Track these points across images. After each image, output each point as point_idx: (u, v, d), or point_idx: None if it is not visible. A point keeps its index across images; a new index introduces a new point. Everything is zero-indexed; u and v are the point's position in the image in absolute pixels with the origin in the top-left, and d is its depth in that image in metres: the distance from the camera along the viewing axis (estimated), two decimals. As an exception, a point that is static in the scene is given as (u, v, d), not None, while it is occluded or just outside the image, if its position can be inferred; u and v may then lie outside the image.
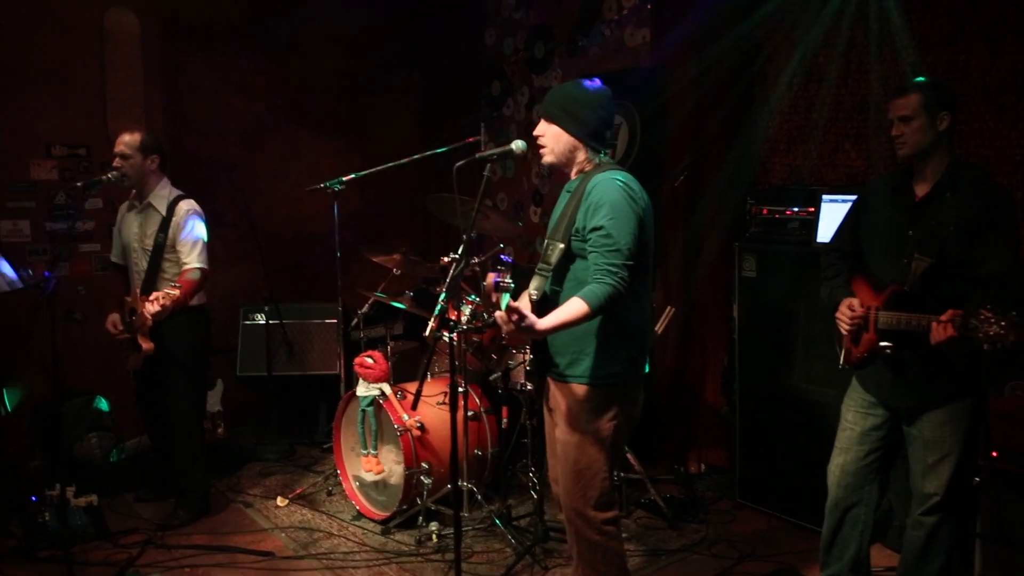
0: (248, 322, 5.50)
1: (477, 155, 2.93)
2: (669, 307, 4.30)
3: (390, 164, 4.26)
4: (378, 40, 6.29)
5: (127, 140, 4.06)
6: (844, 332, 2.96)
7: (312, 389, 5.47)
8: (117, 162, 4.04)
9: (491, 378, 4.06)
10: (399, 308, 4.58)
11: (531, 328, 2.53)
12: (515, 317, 2.46)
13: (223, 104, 5.74)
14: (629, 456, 4.25)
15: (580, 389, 2.78)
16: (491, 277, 2.44)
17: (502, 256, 3.64)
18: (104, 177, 4.05)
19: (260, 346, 5.39)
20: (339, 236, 4.45)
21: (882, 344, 2.84)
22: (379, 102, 6.38)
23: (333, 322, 5.33)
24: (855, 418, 3.01)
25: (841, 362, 3.02)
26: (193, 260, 4.03)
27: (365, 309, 4.82)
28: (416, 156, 4.35)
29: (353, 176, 4.36)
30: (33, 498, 4.10)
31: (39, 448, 4.74)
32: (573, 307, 2.59)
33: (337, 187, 4.33)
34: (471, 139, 4.28)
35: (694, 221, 4.63)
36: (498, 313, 2.52)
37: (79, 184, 4.07)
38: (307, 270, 6.05)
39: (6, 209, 4.93)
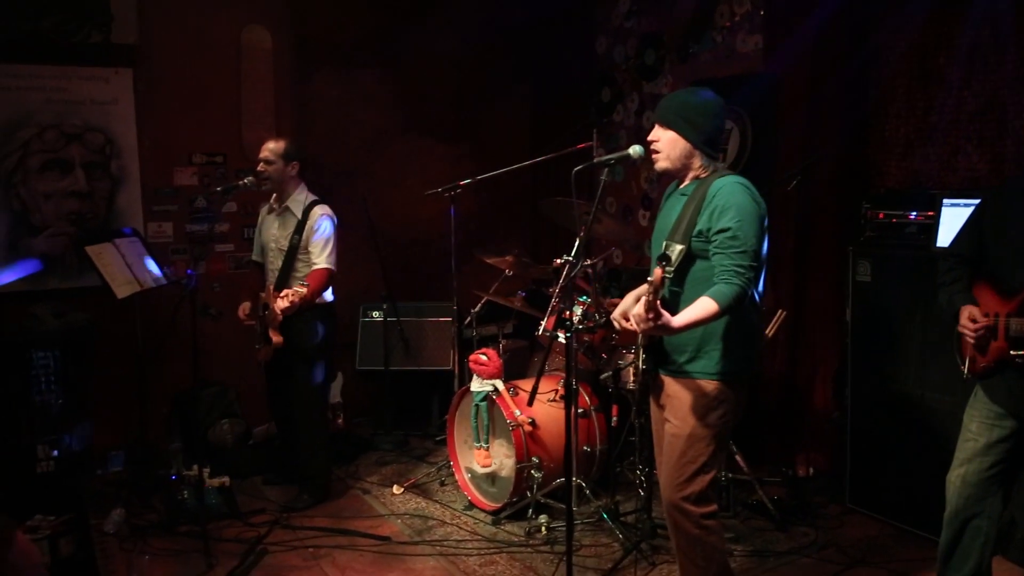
0: (367, 319, 5.64)
1: (596, 159, 2.97)
2: (780, 311, 4.21)
3: (503, 169, 4.31)
4: (493, 52, 6.37)
5: (271, 147, 4.26)
6: (970, 342, 2.82)
7: (426, 383, 5.58)
8: (261, 167, 4.24)
9: (601, 377, 4.06)
10: (511, 308, 4.64)
11: (666, 326, 2.54)
12: (652, 315, 2.47)
13: (346, 114, 5.90)
14: (737, 457, 4.18)
15: (699, 383, 2.79)
16: (659, 274, 2.48)
17: (666, 252, 3.64)
18: (240, 183, 4.26)
19: (378, 342, 5.52)
20: (454, 238, 4.53)
21: (1013, 352, 2.69)
22: (492, 110, 6.45)
23: (447, 320, 5.42)
24: (980, 429, 2.86)
25: (965, 372, 2.87)
26: (322, 260, 4.18)
27: (478, 308, 4.90)
28: (529, 161, 4.39)
29: (468, 181, 4.42)
30: (173, 476, 4.34)
31: (178, 432, 5.01)
32: (703, 306, 2.60)
33: (454, 192, 4.41)
34: (583, 145, 4.29)
35: (805, 225, 4.52)
36: (636, 311, 2.53)
37: (218, 189, 4.30)
38: (422, 271, 6.17)
39: (152, 212, 5.21)
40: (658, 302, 2.48)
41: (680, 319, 2.58)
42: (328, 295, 4.31)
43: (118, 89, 5.01)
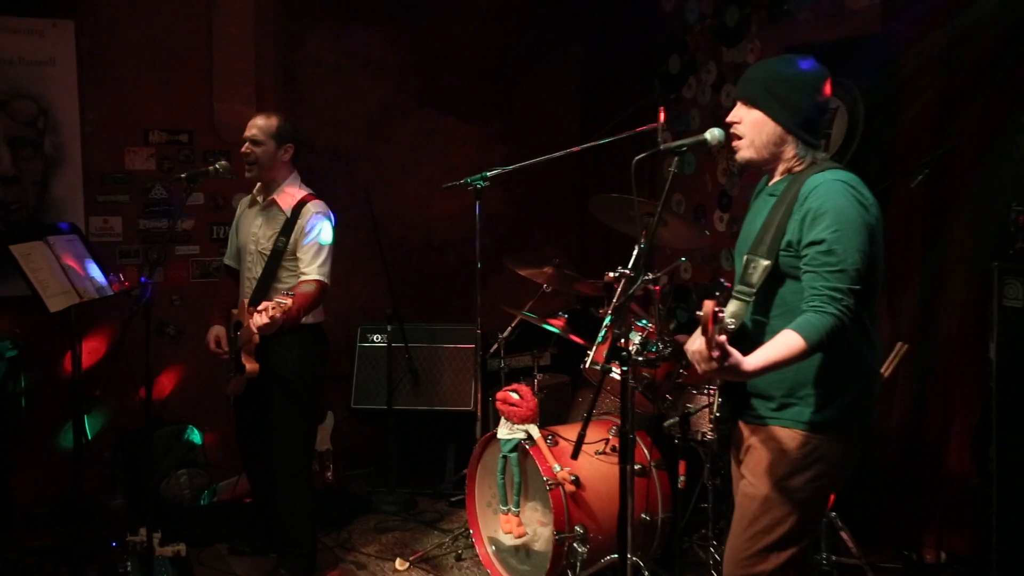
0: (367, 344, 5.64)
1: (662, 146, 2.95)
2: (900, 344, 4.16)
3: (544, 157, 4.27)
4: (533, 8, 6.37)
5: (261, 124, 4.28)
6: None
7: (441, 428, 5.57)
8: (247, 148, 4.26)
9: (665, 424, 4.03)
10: (550, 332, 4.63)
11: (736, 368, 2.48)
12: (717, 354, 2.43)
13: (346, 83, 5.93)
14: (843, 535, 4.13)
15: (785, 434, 2.76)
16: (710, 306, 2.43)
17: (721, 280, 3.65)
18: (210, 168, 4.25)
19: (380, 374, 5.51)
20: (479, 243, 4.56)
21: None
22: (531, 81, 6.46)
23: (469, 347, 5.42)
24: None
25: None
26: (313, 270, 4.16)
27: (508, 333, 4.88)
28: (578, 147, 4.36)
29: (499, 171, 4.39)
30: (113, 543, 4.29)
31: (122, 485, 5.01)
32: (786, 343, 2.57)
33: (480, 184, 4.42)
34: (645, 127, 4.29)
35: (936, 234, 4.48)
36: (694, 348, 2.51)
37: (182, 176, 4.30)
38: (439, 283, 6.18)
39: (97, 204, 5.25)
40: (722, 337, 2.43)
41: (755, 360, 2.54)
42: (318, 314, 4.32)
43: (55, 46, 5.05)
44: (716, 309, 2.39)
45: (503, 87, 6.39)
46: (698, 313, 2.40)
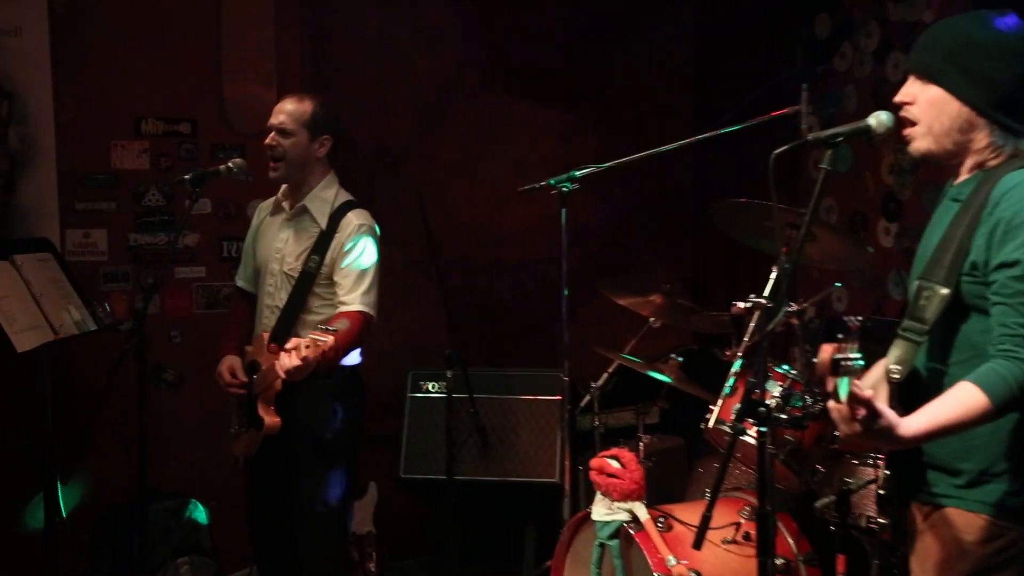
0: (419, 395, 5.65)
1: (810, 136, 2.95)
2: None
3: (650, 151, 4.27)
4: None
5: (291, 109, 4.30)
6: None
7: (517, 505, 5.57)
8: (271, 139, 4.29)
9: (816, 505, 3.97)
10: (659, 381, 4.61)
11: (890, 432, 2.48)
12: (863, 413, 2.42)
13: (391, 58, 5.99)
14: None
15: (969, 521, 2.70)
16: (828, 350, 2.41)
17: (844, 318, 3.61)
18: (221, 168, 4.29)
19: (437, 433, 5.48)
20: (565, 264, 4.55)
21: None
22: (631, 53, 6.45)
23: (553, 400, 5.40)
24: None
25: None
26: (355, 299, 4.18)
27: (603, 381, 4.86)
28: (693, 138, 4.32)
29: (591, 169, 4.37)
30: None
31: (106, 574, 5.07)
32: (961, 399, 2.53)
33: (566, 187, 4.40)
34: (784, 111, 4.26)
35: None
36: (834, 405, 2.50)
37: (185, 177, 4.38)
38: (513, 315, 6.22)
39: (75, 213, 5.34)
40: (867, 392, 2.39)
41: (916, 423, 2.52)
42: (355, 355, 4.36)
43: (22, 10, 5.17)
44: (839, 356, 2.36)
45: (594, 61, 6.40)
46: (814, 361, 2.38)
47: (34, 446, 4.63)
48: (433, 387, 5.65)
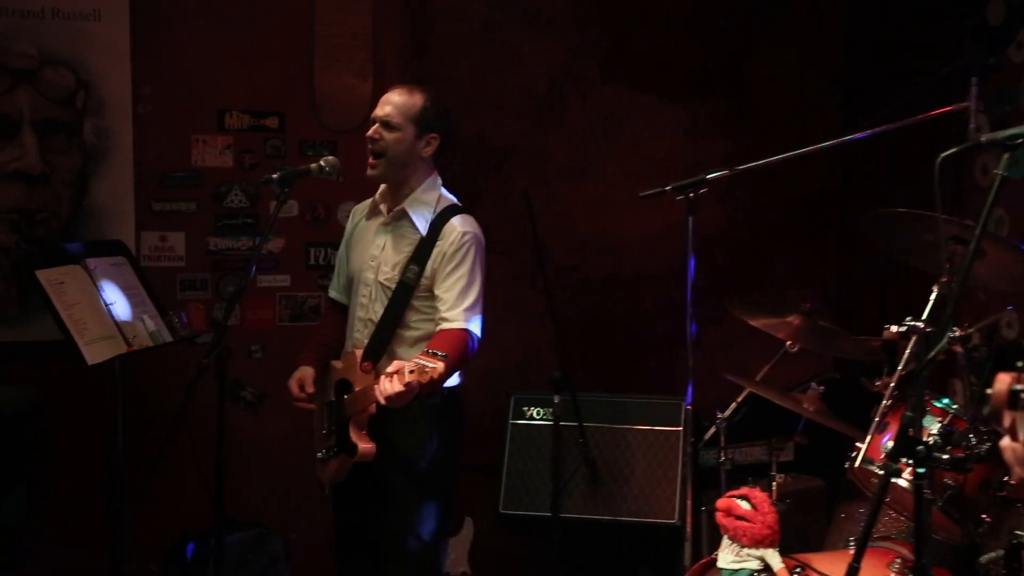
0: (522, 422, 5.56)
1: (983, 137, 2.89)
2: None
3: (791, 153, 4.18)
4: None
5: (399, 102, 4.25)
6: None
7: (631, 547, 5.47)
8: (375, 132, 4.27)
9: (981, 560, 3.87)
10: (795, 413, 4.51)
11: None
12: None
13: (498, 45, 5.96)
14: None
15: None
16: (1005, 380, 2.32)
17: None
18: (312, 166, 4.26)
19: (541, 465, 5.41)
20: (692, 278, 4.48)
21: None
22: (769, 40, 6.35)
23: (673, 431, 5.30)
24: None
25: None
26: (458, 315, 4.14)
27: (732, 411, 4.77)
28: (841, 139, 4.25)
29: (722, 172, 4.30)
30: None
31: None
32: None
33: (694, 191, 4.35)
34: (948, 108, 4.15)
35: None
36: (1009, 444, 2.40)
37: (272, 176, 4.36)
38: (629, 335, 6.14)
39: (151, 214, 5.38)
40: None
41: None
42: (454, 376, 4.26)
43: (102, -6, 5.25)
44: (1019, 387, 2.31)
45: (728, 49, 6.31)
46: (987, 392, 2.33)
47: (102, 467, 4.64)
48: (538, 413, 5.56)
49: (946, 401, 3.90)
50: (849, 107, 6.38)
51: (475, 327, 4.18)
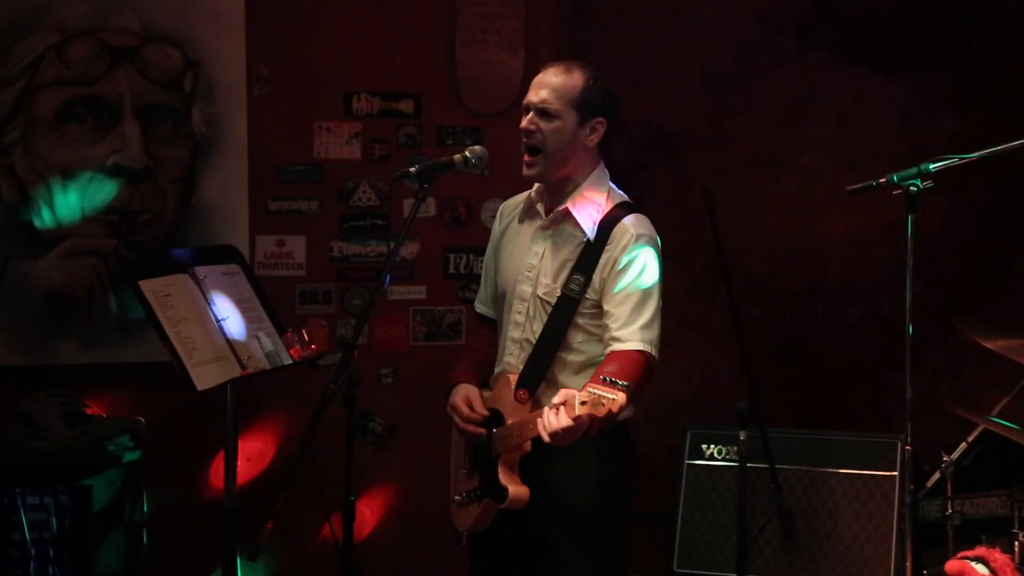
0: (700, 461, 5.52)
1: None
2: None
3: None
4: None
5: (556, 83, 4.18)
6: None
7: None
8: (529, 121, 4.24)
9: None
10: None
11: None
12: None
13: (673, 13, 5.96)
14: None
15: None
16: None
17: None
18: (455, 158, 4.26)
19: (724, 515, 5.40)
20: (910, 290, 4.43)
21: None
22: (1010, 3, 6.22)
23: (887, 476, 5.18)
24: None
25: None
26: (634, 336, 4.06)
27: (960, 453, 4.73)
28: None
29: (950, 161, 4.24)
30: None
31: None
32: None
33: (915, 185, 4.30)
34: None
35: None
36: None
37: (409, 170, 4.39)
38: (831, 359, 6.08)
39: (267, 214, 5.48)
40: None
41: None
42: (629, 408, 4.26)
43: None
44: None
45: (956, 14, 6.19)
46: None
47: (210, 511, 4.72)
48: (719, 452, 5.52)
49: None
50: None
51: (653, 349, 4.09)
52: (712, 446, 5.58)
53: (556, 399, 3.69)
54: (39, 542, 4.59)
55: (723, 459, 5.52)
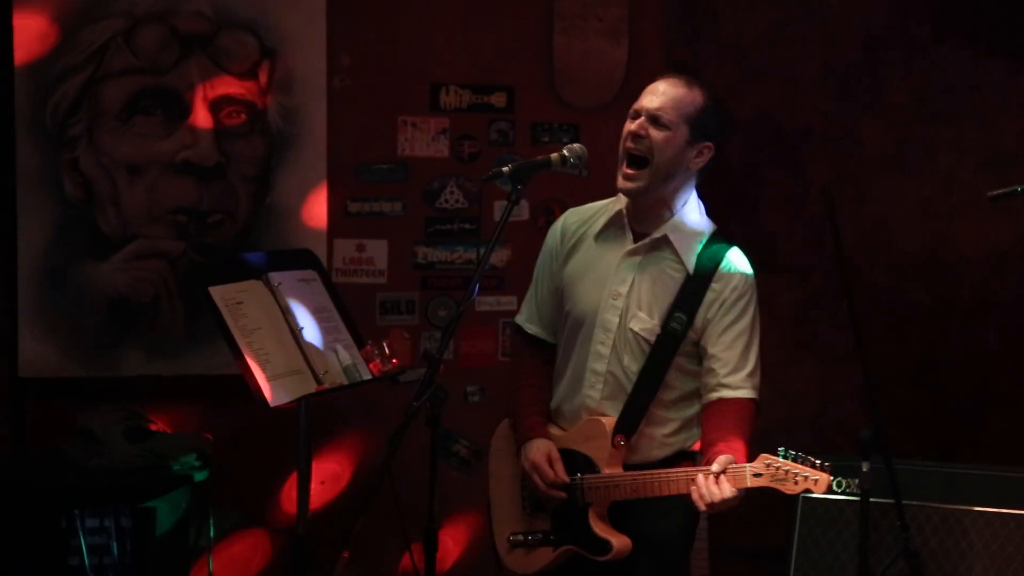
0: (816, 497, 5.36)
1: None
2: None
3: None
4: None
5: (675, 94, 4.11)
6: None
7: None
8: (639, 125, 4.16)
9: None
10: None
11: None
12: None
13: (784, 0, 5.96)
14: None
15: None
16: None
17: None
18: (552, 157, 4.23)
19: (843, 554, 5.39)
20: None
21: None
22: None
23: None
24: None
25: None
26: (744, 383, 4.08)
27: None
28: None
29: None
30: None
31: None
32: None
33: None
34: None
35: None
36: None
37: (502, 169, 4.36)
38: (967, 383, 6.02)
39: (346, 216, 5.51)
40: None
41: None
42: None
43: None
44: None
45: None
46: None
47: (282, 536, 4.76)
48: (839, 485, 5.49)
49: None
50: None
51: (757, 393, 4.14)
52: (833, 479, 5.57)
53: (716, 465, 3.71)
54: (98, 568, 4.61)
55: (843, 492, 5.50)
